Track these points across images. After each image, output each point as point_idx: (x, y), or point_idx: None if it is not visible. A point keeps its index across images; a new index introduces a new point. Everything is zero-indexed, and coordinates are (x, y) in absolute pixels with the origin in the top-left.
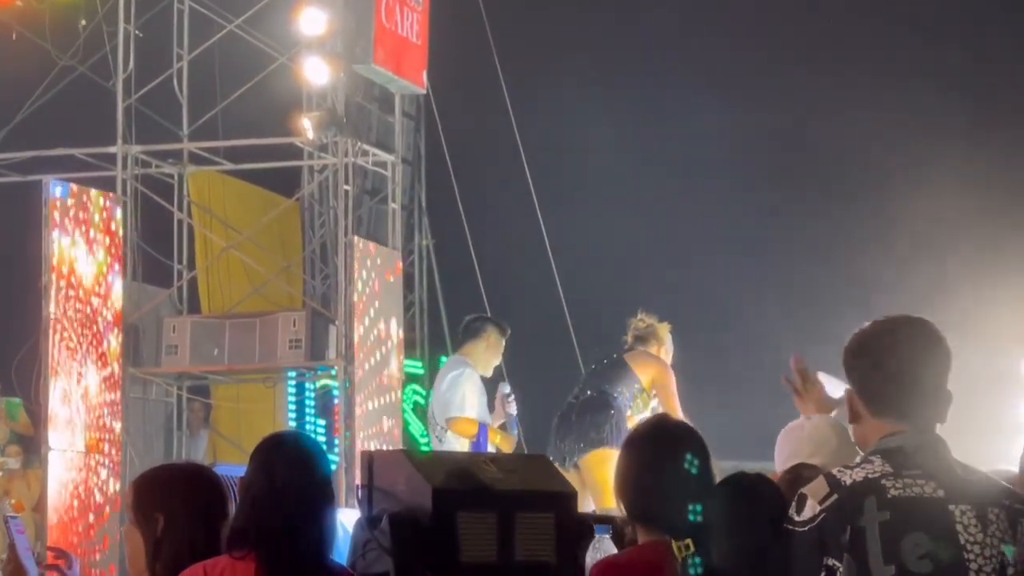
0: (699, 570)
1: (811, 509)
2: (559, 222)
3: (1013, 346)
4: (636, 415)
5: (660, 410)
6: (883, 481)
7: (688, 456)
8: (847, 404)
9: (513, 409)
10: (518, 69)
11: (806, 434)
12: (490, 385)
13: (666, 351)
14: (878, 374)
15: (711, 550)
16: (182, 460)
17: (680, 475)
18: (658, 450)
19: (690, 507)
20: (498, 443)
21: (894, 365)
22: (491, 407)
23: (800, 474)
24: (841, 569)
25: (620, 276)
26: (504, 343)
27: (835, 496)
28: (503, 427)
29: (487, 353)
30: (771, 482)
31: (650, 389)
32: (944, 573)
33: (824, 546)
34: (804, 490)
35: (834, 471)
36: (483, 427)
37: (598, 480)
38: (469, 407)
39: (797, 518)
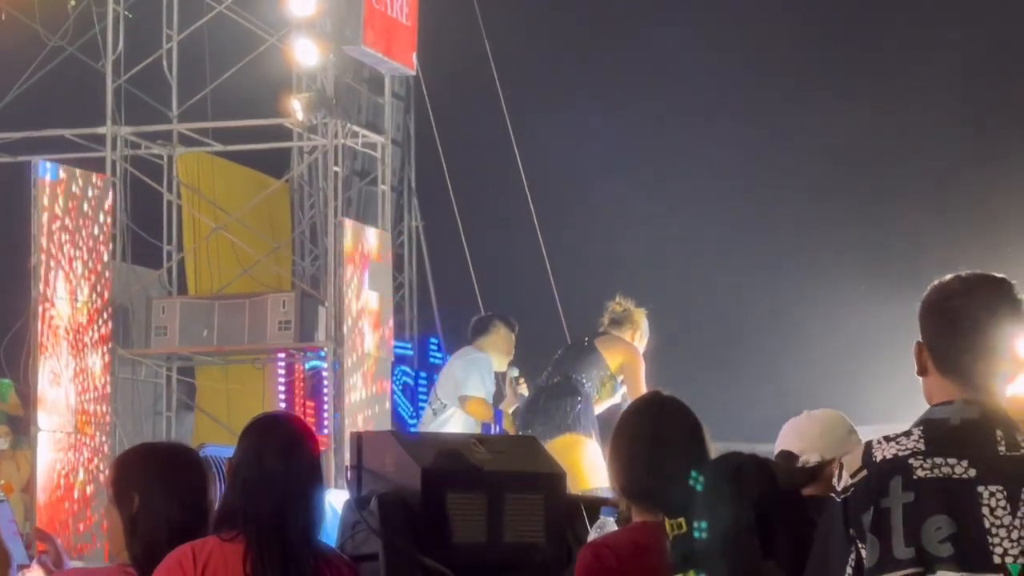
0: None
1: (844, 480)
2: (549, 203)
3: None
4: (603, 400)
5: (627, 395)
6: (911, 460)
7: (681, 432)
8: (915, 356)
9: (526, 391)
10: (507, 49)
11: (792, 424)
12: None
13: (640, 336)
14: (950, 333)
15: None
16: (166, 440)
17: (673, 451)
18: (652, 425)
19: (692, 474)
20: (507, 428)
21: (967, 326)
22: (502, 395)
23: (783, 459)
24: (864, 546)
25: (610, 258)
26: (513, 338)
27: (864, 472)
28: (516, 412)
29: (497, 348)
30: (763, 464)
31: (617, 374)
32: (965, 557)
33: (847, 520)
34: (843, 459)
35: (874, 441)
36: (499, 411)
37: (566, 465)
38: (486, 391)
39: (837, 487)
